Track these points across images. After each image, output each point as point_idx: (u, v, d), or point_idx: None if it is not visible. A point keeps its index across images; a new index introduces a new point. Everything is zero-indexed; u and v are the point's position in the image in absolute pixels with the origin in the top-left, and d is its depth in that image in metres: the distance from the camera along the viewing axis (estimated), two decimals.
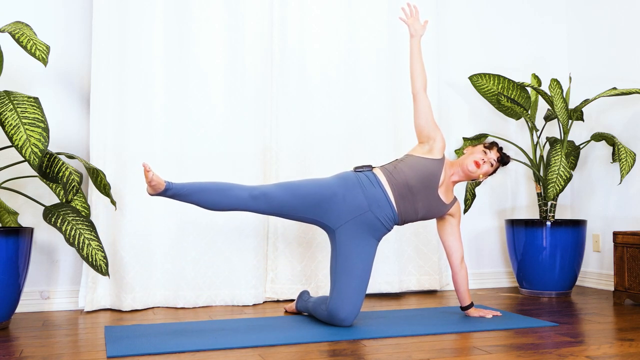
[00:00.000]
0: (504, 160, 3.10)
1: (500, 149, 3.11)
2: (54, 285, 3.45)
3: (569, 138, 4.19)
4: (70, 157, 3.12)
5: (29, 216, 3.39)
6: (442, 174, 2.97)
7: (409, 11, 3.10)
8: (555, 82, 3.74)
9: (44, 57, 2.78)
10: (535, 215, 4.33)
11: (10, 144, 2.91)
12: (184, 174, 3.53)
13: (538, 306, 3.44)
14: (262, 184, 3.64)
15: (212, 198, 2.73)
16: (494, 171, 3.10)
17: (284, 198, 2.80)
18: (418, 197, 2.92)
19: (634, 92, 3.63)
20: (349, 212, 2.86)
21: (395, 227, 3.78)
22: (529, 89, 4.05)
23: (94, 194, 3.38)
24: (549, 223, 3.79)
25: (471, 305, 3.11)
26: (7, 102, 2.79)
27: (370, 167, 2.96)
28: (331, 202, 2.85)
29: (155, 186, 2.64)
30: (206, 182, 2.78)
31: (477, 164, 3.02)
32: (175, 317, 3.18)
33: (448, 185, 3.04)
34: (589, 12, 4.30)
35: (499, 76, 3.99)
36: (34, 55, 2.77)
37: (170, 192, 2.68)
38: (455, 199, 3.08)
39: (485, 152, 3.05)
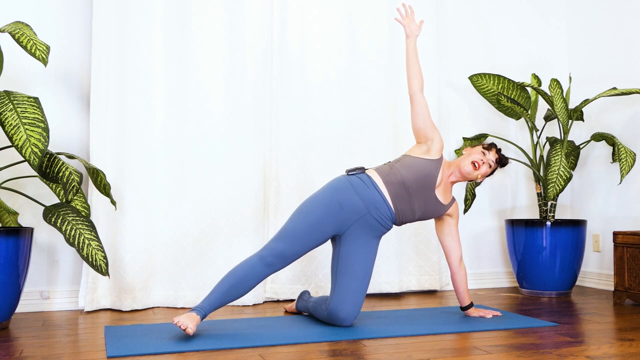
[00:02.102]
0: (502, 161, 3.09)
1: (499, 150, 3.10)
2: (54, 285, 3.45)
3: (569, 138, 4.19)
4: (70, 157, 3.12)
5: (29, 216, 3.39)
6: (440, 175, 2.97)
7: (405, 12, 3.09)
8: (555, 82, 3.74)
9: (44, 57, 2.78)
10: (535, 215, 4.33)
11: (10, 144, 2.91)
12: (184, 173, 3.53)
13: (538, 306, 3.44)
14: (262, 184, 3.64)
15: (239, 291, 2.72)
16: (492, 172, 3.09)
17: (292, 246, 2.79)
18: (414, 197, 2.92)
19: (634, 92, 3.63)
20: (349, 217, 2.85)
21: (395, 227, 3.78)
22: (529, 89, 4.05)
23: (94, 194, 3.38)
24: (549, 223, 3.79)
25: (471, 305, 3.11)
26: (7, 102, 2.79)
27: (362, 170, 2.95)
28: (331, 216, 2.83)
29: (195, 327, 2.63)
30: (222, 281, 2.72)
31: (475, 165, 3.01)
32: None
33: (446, 186, 3.03)
34: (589, 12, 4.30)
35: (499, 76, 3.99)
36: (34, 55, 2.77)
37: (207, 315, 2.67)
38: (453, 200, 3.07)
39: (483, 153, 3.05)
